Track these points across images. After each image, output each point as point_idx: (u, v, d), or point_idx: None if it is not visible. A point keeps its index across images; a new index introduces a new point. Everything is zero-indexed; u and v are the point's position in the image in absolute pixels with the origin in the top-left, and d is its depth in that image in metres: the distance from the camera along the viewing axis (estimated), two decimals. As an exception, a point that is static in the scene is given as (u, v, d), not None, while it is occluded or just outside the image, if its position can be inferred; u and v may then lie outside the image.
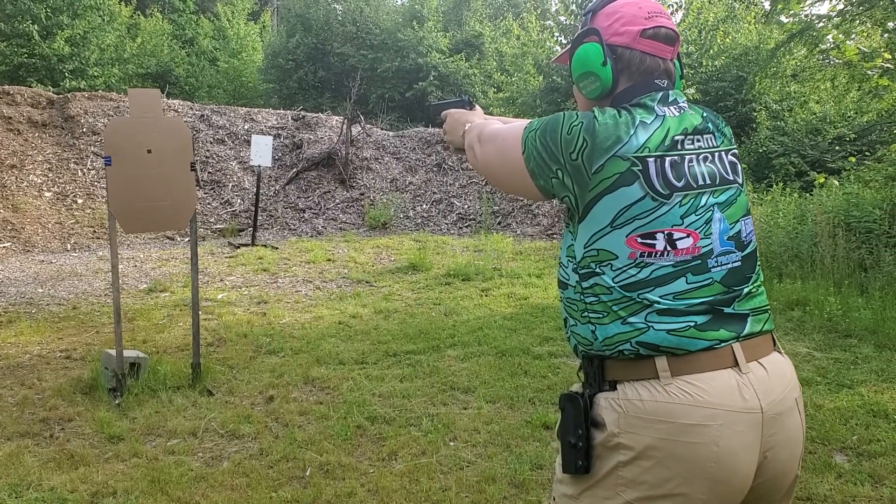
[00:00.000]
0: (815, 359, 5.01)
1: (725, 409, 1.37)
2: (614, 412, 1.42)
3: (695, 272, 1.43)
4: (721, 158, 1.53)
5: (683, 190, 1.44)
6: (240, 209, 12.95)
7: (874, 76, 7.82)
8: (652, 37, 1.53)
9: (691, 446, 1.36)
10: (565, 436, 1.46)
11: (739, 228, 1.51)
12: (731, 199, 1.51)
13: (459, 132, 1.83)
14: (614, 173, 1.41)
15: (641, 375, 1.42)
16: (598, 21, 1.58)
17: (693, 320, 1.41)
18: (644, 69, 1.53)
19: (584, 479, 1.45)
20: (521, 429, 3.88)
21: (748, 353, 1.44)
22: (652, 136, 1.44)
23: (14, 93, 13.25)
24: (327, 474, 3.41)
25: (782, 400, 1.45)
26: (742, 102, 13.35)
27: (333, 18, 23.34)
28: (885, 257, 6.49)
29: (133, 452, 3.64)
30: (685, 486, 1.36)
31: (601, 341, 1.46)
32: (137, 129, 4.40)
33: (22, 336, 5.81)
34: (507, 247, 10.49)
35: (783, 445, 1.45)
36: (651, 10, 1.55)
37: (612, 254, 1.43)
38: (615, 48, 1.54)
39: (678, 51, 1.61)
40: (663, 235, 1.42)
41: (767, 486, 1.47)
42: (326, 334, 5.86)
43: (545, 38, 17.23)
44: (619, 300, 1.43)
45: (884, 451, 3.51)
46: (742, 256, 1.50)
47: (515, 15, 23.78)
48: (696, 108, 1.57)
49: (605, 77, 1.53)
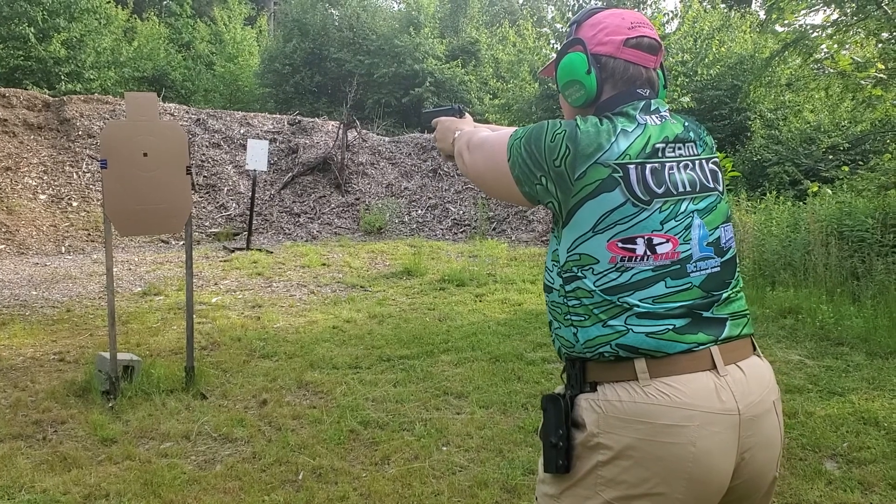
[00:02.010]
0: (807, 366, 5.03)
1: (702, 410, 1.40)
2: (594, 413, 1.45)
3: (674, 276, 1.46)
4: (702, 166, 1.56)
5: (664, 196, 1.47)
6: (235, 213, 12.95)
7: (868, 86, 7.87)
8: (635, 46, 1.56)
9: (669, 446, 1.38)
10: (547, 436, 1.49)
11: (719, 235, 1.54)
12: (711, 206, 1.54)
13: (449, 139, 1.88)
14: (596, 179, 1.44)
15: (621, 377, 1.44)
16: (583, 31, 1.61)
17: (672, 323, 1.44)
18: (627, 78, 1.56)
19: (565, 478, 1.48)
20: (514, 434, 3.89)
21: (726, 356, 1.47)
22: (633, 144, 1.47)
23: (10, 95, 13.24)
24: (320, 478, 3.41)
25: (760, 402, 1.48)
26: (737, 111, 13.43)
27: (330, 24, 23.40)
28: (878, 266, 6.53)
29: (126, 455, 3.64)
30: (663, 486, 1.39)
31: (582, 343, 1.48)
32: (134, 132, 4.41)
33: (15, 338, 5.80)
34: (501, 252, 10.51)
35: (761, 447, 1.47)
36: (634, 21, 1.59)
37: (593, 258, 1.46)
38: (599, 57, 1.57)
39: (661, 60, 1.64)
40: (643, 240, 1.45)
41: (746, 487, 1.49)
42: (320, 339, 5.87)
43: (541, 45, 17.30)
44: (600, 303, 1.46)
45: (874, 459, 3.53)
46: (721, 262, 1.53)
47: (512, 22, 23.87)
48: (678, 117, 1.60)
49: (590, 85, 1.57)
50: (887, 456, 3.55)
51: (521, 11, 29.34)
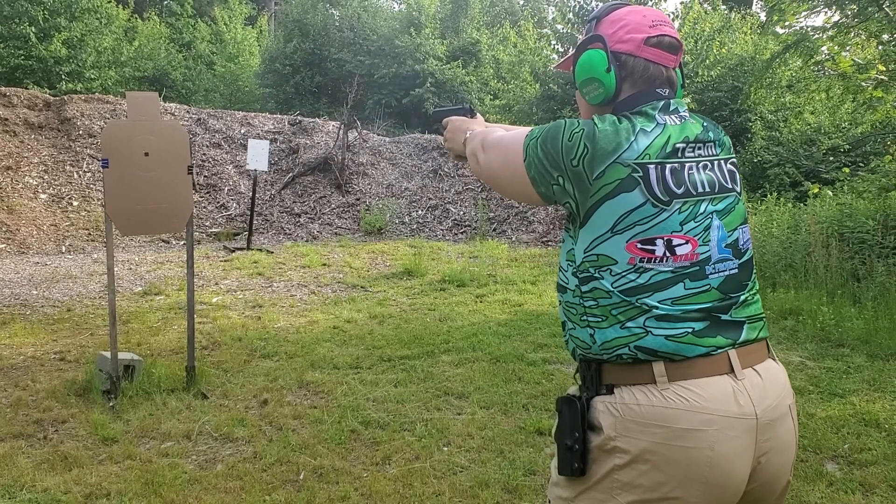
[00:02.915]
0: (808, 368, 5.03)
1: (721, 414, 1.39)
2: (611, 416, 1.43)
3: (693, 278, 1.45)
4: (720, 167, 1.55)
5: (683, 197, 1.46)
6: (235, 213, 12.95)
7: (868, 88, 7.87)
8: (656, 45, 1.54)
9: (687, 451, 1.37)
10: (562, 438, 1.48)
11: (737, 236, 1.53)
12: (729, 207, 1.53)
13: (461, 139, 1.85)
14: (615, 179, 1.43)
15: (639, 380, 1.43)
16: (603, 28, 1.59)
17: (691, 326, 1.43)
18: (647, 77, 1.54)
19: (580, 481, 1.47)
20: (515, 434, 3.89)
21: (744, 359, 1.46)
22: (652, 143, 1.46)
23: (10, 94, 13.24)
24: (321, 478, 3.41)
25: (776, 406, 1.47)
26: (737, 112, 13.41)
27: (331, 24, 23.39)
28: (878, 268, 6.53)
29: (127, 454, 3.64)
30: (680, 490, 1.38)
31: (599, 345, 1.47)
32: (135, 131, 4.41)
33: (16, 338, 5.80)
34: (502, 253, 10.51)
35: (776, 451, 1.47)
36: (655, 19, 1.57)
37: (611, 259, 1.45)
38: (619, 55, 1.55)
39: (681, 59, 1.62)
40: (663, 241, 1.44)
41: (760, 491, 1.49)
42: (321, 339, 5.86)
43: (542, 46, 17.30)
44: (619, 304, 1.44)
45: (875, 460, 3.53)
46: (739, 264, 1.52)
47: (512, 23, 23.87)
48: (697, 117, 1.58)
49: (609, 83, 1.54)
50: (888, 458, 3.56)
51: (521, 12, 29.35)
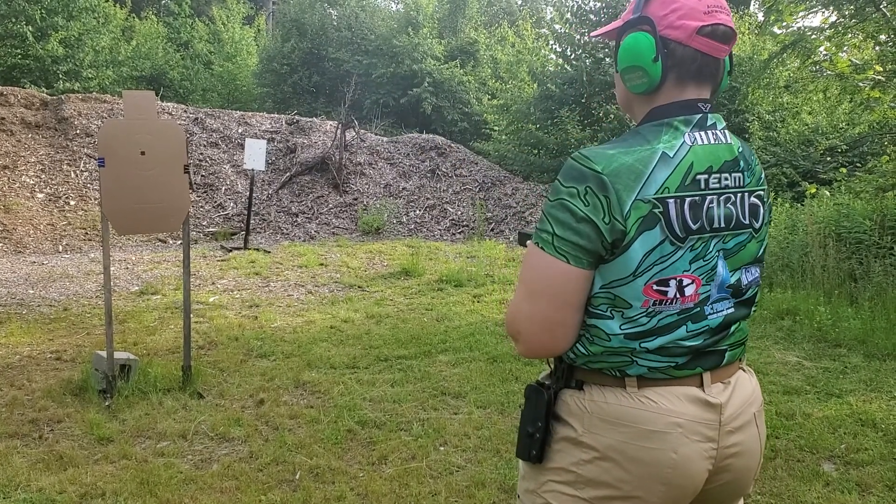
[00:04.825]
0: (805, 368, 5.03)
1: (686, 419, 1.40)
2: (579, 411, 1.43)
3: (694, 320, 1.42)
4: (742, 200, 1.46)
5: (698, 233, 1.39)
6: (232, 213, 12.93)
7: (866, 88, 7.86)
8: (709, 34, 1.41)
9: (651, 451, 1.38)
10: (524, 424, 1.48)
11: (739, 277, 1.47)
12: (738, 246, 1.46)
13: None
14: (639, 217, 1.35)
15: (610, 384, 1.43)
16: (652, 8, 1.44)
17: (675, 361, 1.42)
18: (696, 69, 1.43)
19: (543, 472, 1.47)
20: (511, 434, 3.88)
21: (714, 377, 1.47)
22: (672, 175, 1.37)
23: (7, 94, 13.22)
24: (317, 478, 3.41)
25: (741, 414, 1.48)
26: (735, 113, 13.42)
27: (329, 23, 23.36)
28: (875, 268, 6.53)
29: (122, 454, 3.63)
30: (641, 490, 1.39)
31: (582, 361, 1.45)
32: (132, 130, 4.40)
33: (12, 337, 5.79)
34: (499, 253, 10.50)
35: (740, 456, 1.47)
36: (711, 4, 1.42)
37: (627, 303, 1.38)
38: (668, 42, 1.41)
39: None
40: (675, 282, 1.38)
41: (718, 492, 1.50)
42: (318, 338, 5.86)
43: (540, 46, 17.27)
44: (616, 348, 1.40)
45: (871, 460, 3.53)
46: (735, 303, 1.48)
47: (510, 22, 23.87)
48: (735, 138, 1.49)
49: (654, 74, 1.42)
50: (885, 457, 3.56)
51: (519, 12, 29.36)
